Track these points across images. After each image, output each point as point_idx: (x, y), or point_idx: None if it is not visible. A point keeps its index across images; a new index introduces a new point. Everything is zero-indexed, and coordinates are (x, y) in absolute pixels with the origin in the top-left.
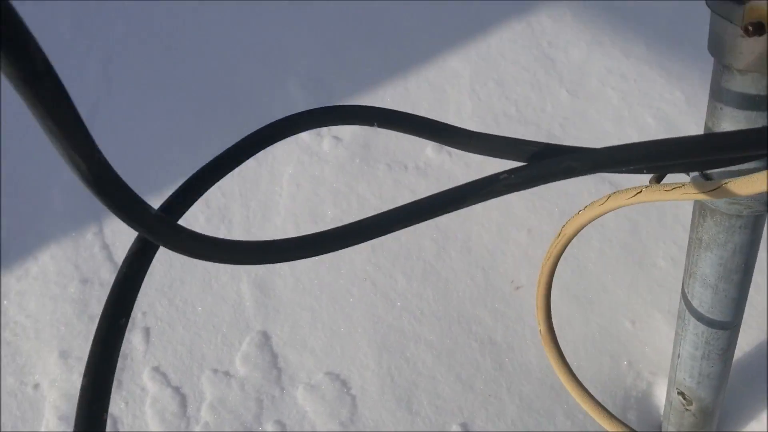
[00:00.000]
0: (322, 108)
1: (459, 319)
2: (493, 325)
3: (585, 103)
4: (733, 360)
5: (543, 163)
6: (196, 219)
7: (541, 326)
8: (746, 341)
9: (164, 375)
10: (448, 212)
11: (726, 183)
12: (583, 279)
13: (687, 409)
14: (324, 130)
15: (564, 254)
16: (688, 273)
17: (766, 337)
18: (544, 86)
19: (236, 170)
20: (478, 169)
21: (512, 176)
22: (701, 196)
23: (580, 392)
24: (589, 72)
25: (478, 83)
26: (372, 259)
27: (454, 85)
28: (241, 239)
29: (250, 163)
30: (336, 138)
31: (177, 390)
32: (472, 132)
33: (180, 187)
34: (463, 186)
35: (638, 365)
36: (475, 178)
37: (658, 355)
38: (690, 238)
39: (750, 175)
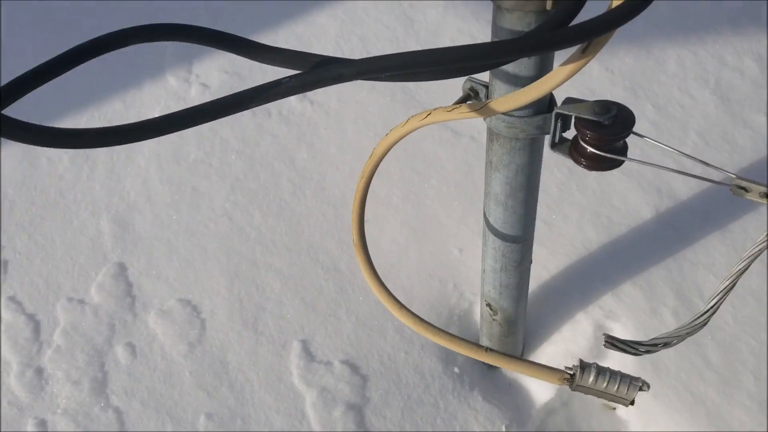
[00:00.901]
0: (145, 25)
1: (308, 250)
2: (338, 255)
3: None
4: (541, 281)
5: (318, 69)
6: (60, 159)
7: (355, 236)
8: (554, 265)
9: (19, 303)
10: (241, 110)
11: (491, 102)
12: (421, 214)
13: (494, 319)
14: (192, 77)
15: (406, 192)
16: (486, 193)
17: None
18: (402, 43)
19: (103, 113)
20: (336, 116)
21: (292, 80)
22: (473, 114)
23: (387, 297)
24: (443, 32)
25: (342, 38)
26: (231, 197)
27: (321, 39)
28: (103, 177)
29: (116, 105)
30: (203, 85)
31: (31, 317)
32: (268, 46)
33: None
34: (253, 88)
35: (462, 287)
36: (333, 125)
37: (480, 278)
38: (485, 161)
39: (508, 95)
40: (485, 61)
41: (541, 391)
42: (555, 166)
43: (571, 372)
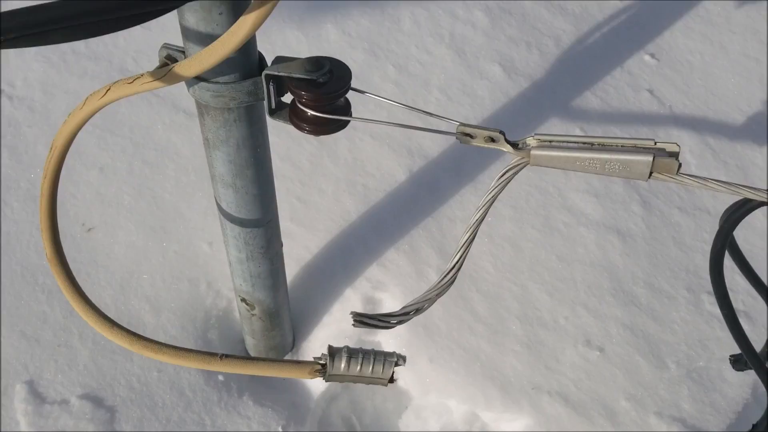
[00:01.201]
0: None
1: (23, 273)
2: None
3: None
4: (303, 262)
5: None
6: None
7: (48, 250)
8: (315, 244)
9: None
10: None
11: (176, 66)
12: (159, 209)
13: (253, 314)
14: None
15: (139, 188)
16: (211, 176)
17: None
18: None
19: None
20: (43, 111)
21: None
22: (159, 84)
23: (93, 317)
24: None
25: None
26: None
27: None
28: None
29: None
30: None
31: None
32: None
33: None
34: None
35: (217, 284)
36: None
37: None
38: (202, 140)
39: (192, 56)
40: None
41: (317, 380)
42: (304, 139)
43: (322, 362)
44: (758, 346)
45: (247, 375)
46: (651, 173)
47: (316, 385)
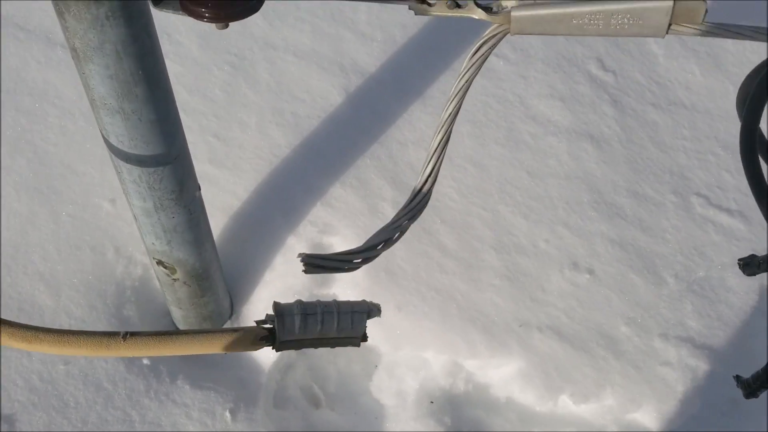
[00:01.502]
0: None
1: None
2: None
3: None
4: (233, 211)
5: None
6: None
7: None
8: (243, 188)
9: None
10: None
11: None
12: (43, 166)
13: (175, 279)
14: None
15: (15, 142)
16: (90, 102)
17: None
18: None
19: None
20: None
21: None
22: None
23: None
24: None
25: None
26: None
27: None
28: None
29: None
30: None
31: None
32: None
33: None
34: None
35: (127, 249)
36: None
37: None
38: (70, 51)
39: None
40: None
41: (265, 349)
42: (212, 63)
43: (268, 326)
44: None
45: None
46: (670, 25)
47: (266, 354)
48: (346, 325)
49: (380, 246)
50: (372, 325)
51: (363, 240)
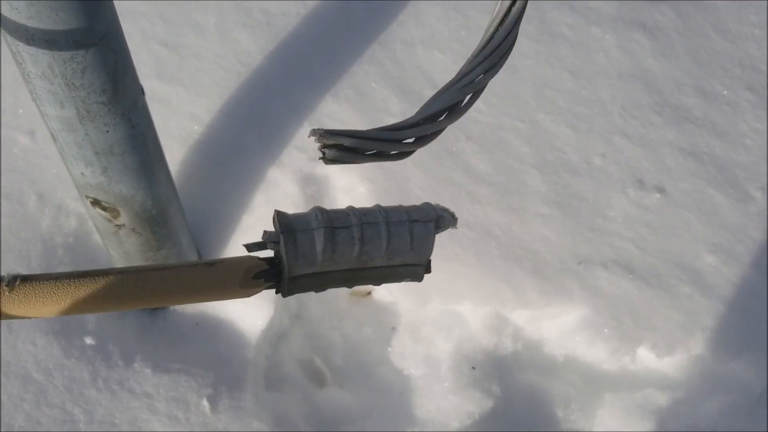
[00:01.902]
0: None
1: None
2: None
3: None
4: (193, 139)
5: None
6: None
7: None
8: (204, 108)
9: None
10: None
11: None
12: None
13: (118, 226)
14: None
15: None
16: None
17: None
18: None
19: None
20: None
21: None
22: None
23: None
24: None
25: None
26: None
27: None
28: None
29: None
30: None
31: None
32: None
33: None
34: None
35: (56, 195)
36: None
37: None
38: None
39: None
40: None
41: (250, 313)
42: None
43: (267, 254)
44: None
45: (134, 329)
46: None
47: (251, 321)
48: (401, 243)
49: (443, 116)
50: None
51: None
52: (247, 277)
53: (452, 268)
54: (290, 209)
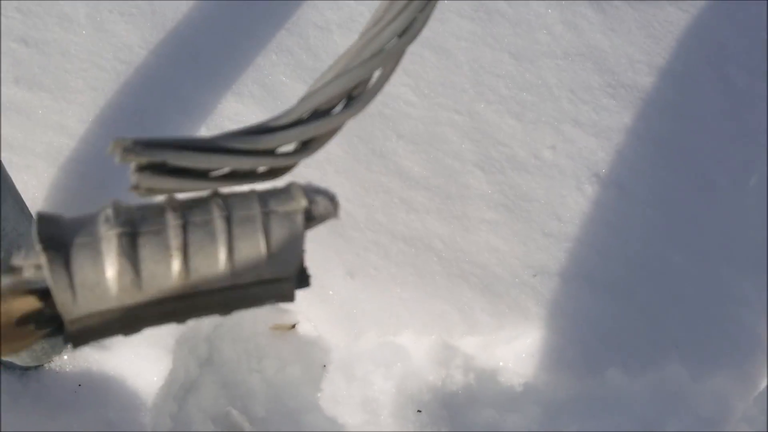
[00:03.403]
0: None
1: None
2: None
3: None
4: (64, 158)
5: None
6: None
7: None
8: (74, 118)
9: None
10: None
11: None
12: None
13: None
14: None
15: None
16: None
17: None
18: None
19: None
20: None
21: None
22: None
23: None
24: None
25: None
26: None
27: None
28: None
29: None
30: None
31: None
32: None
33: None
34: None
35: None
36: None
37: None
38: None
39: None
40: None
41: (143, 366)
42: None
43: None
44: None
45: None
46: None
47: (144, 374)
48: (250, 249)
49: (340, 106)
50: (306, 303)
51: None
52: (6, 324)
53: (388, 292)
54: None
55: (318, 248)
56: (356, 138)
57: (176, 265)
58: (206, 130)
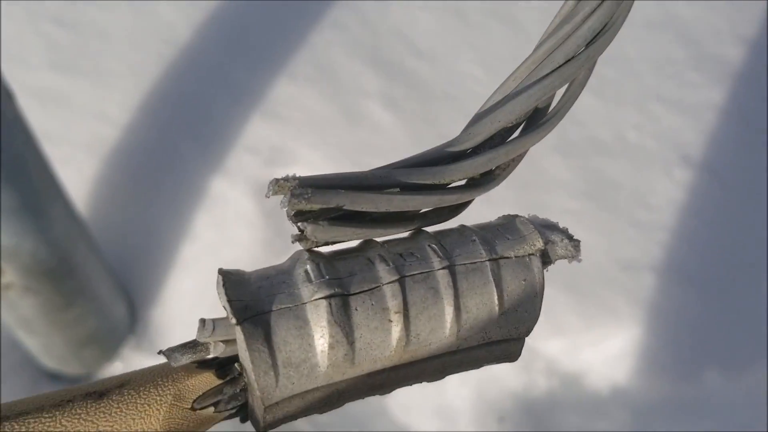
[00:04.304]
0: None
1: None
2: None
3: None
4: (107, 151)
5: None
6: None
7: None
8: (118, 106)
9: None
10: None
11: None
12: None
13: (5, 286)
14: None
15: None
16: None
17: None
18: None
19: None
20: None
21: None
22: None
23: None
24: None
25: None
26: None
27: None
28: None
29: None
30: None
31: None
32: None
33: None
34: None
35: None
36: None
37: None
38: None
39: None
40: None
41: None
42: None
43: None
44: None
45: None
46: None
47: None
48: (480, 307)
49: (520, 132)
50: None
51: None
52: (179, 407)
53: None
54: (248, 244)
55: None
56: (421, 122)
57: (396, 331)
58: (260, 117)
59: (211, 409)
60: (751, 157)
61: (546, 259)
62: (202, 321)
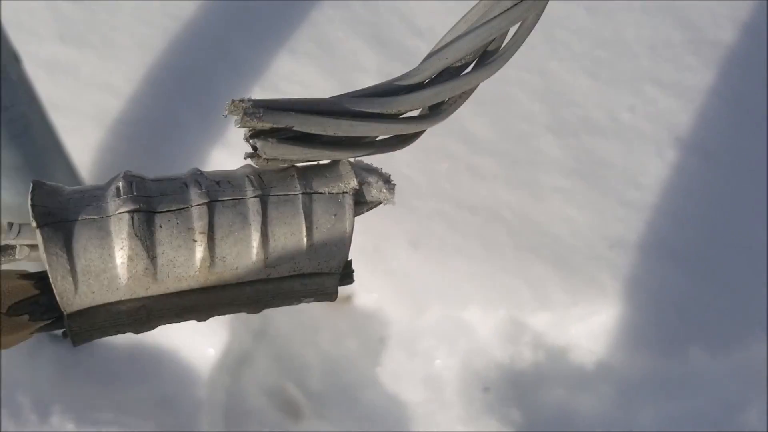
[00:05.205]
0: None
1: None
2: None
3: None
4: (113, 121)
5: None
6: None
7: None
8: (137, 71)
9: None
10: None
11: None
12: None
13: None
14: None
15: None
16: None
17: None
18: None
19: None
20: None
21: None
22: None
23: None
24: None
25: None
26: None
27: None
28: None
29: None
30: None
31: None
32: None
33: None
34: None
35: None
36: None
37: None
38: None
39: None
40: None
41: (199, 339)
42: None
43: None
44: None
45: (43, 364)
46: None
47: (200, 347)
48: (288, 236)
49: (472, 67)
50: (366, 278)
51: None
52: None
53: (452, 264)
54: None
55: (378, 217)
56: None
57: (200, 251)
58: (260, 90)
59: (26, 316)
60: (744, 140)
61: (361, 199)
62: (9, 224)
